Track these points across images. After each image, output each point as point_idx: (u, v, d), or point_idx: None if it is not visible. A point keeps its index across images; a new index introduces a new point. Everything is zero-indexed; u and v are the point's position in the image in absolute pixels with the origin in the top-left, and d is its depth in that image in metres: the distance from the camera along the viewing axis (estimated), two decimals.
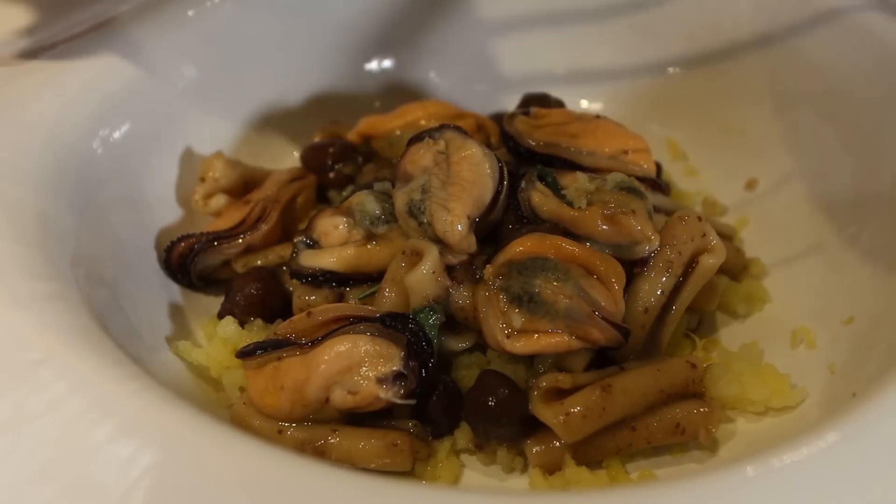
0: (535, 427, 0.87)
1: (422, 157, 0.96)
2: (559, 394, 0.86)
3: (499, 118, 1.15)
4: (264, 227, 1.08)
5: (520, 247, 0.88)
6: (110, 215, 1.04)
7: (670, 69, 1.35)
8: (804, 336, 1.00)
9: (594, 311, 0.83)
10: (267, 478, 0.65)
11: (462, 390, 0.91)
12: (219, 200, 1.13)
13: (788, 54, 1.23)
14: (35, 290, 0.81)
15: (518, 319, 0.84)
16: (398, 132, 1.18)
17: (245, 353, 0.88)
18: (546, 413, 0.84)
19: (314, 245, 1.00)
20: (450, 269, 0.91)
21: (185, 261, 1.05)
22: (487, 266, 0.88)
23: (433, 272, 0.88)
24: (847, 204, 1.11)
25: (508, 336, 0.85)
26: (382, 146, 1.19)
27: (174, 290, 1.09)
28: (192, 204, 1.14)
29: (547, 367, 0.88)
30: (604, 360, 0.90)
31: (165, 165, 1.16)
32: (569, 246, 0.88)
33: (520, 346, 0.85)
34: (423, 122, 1.17)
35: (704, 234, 0.92)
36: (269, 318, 1.01)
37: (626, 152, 1.05)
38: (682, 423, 0.86)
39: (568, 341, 0.84)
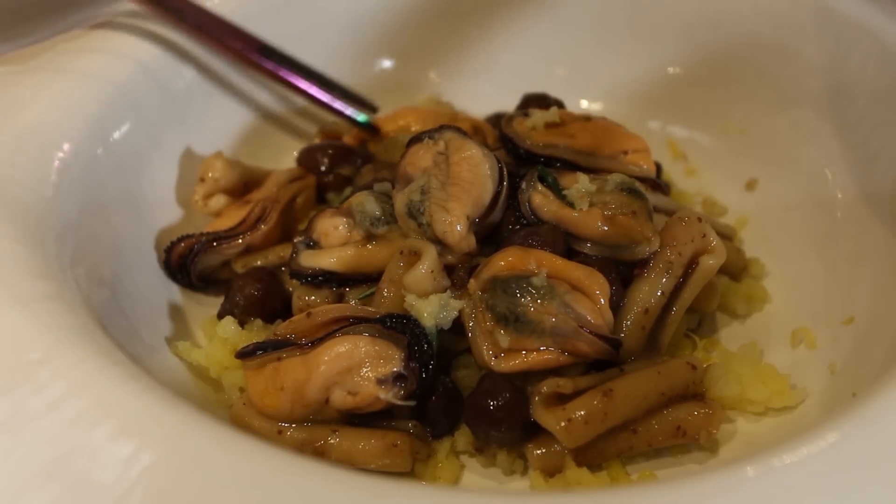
0: (535, 430, 0.86)
1: (421, 158, 0.96)
2: (560, 398, 0.85)
3: (498, 118, 1.15)
4: (264, 228, 1.08)
5: (502, 261, 0.87)
6: (110, 215, 1.04)
7: (670, 69, 1.35)
8: (804, 336, 1.00)
9: (580, 327, 0.83)
10: (267, 478, 0.65)
11: (462, 390, 0.90)
12: (219, 200, 1.13)
13: (788, 54, 1.23)
14: (35, 290, 0.80)
15: (504, 340, 0.84)
16: (391, 136, 1.18)
17: (245, 354, 0.88)
18: (548, 419, 0.83)
19: (314, 245, 1.00)
20: (450, 271, 0.91)
21: (184, 261, 1.05)
22: (471, 280, 0.88)
23: (431, 271, 0.88)
24: (847, 204, 1.11)
25: (496, 356, 0.85)
26: (378, 149, 1.19)
27: (174, 290, 1.09)
28: (192, 204, 1.13)
29: (545, 373, 0.88)
30: (604, 361, 0.90)
31: (165, 165, 1.16)
32: (551, 260, 0.87)
33: (507, 365, 0.84)
34: (414, 127, 1.17)
35: (705, 235, 0.92)
36: (269, 319, 1.01)
37: (625, 153, 1.05)
38: (682, 425, 0.86)
39: (557, 357, 0.84)
